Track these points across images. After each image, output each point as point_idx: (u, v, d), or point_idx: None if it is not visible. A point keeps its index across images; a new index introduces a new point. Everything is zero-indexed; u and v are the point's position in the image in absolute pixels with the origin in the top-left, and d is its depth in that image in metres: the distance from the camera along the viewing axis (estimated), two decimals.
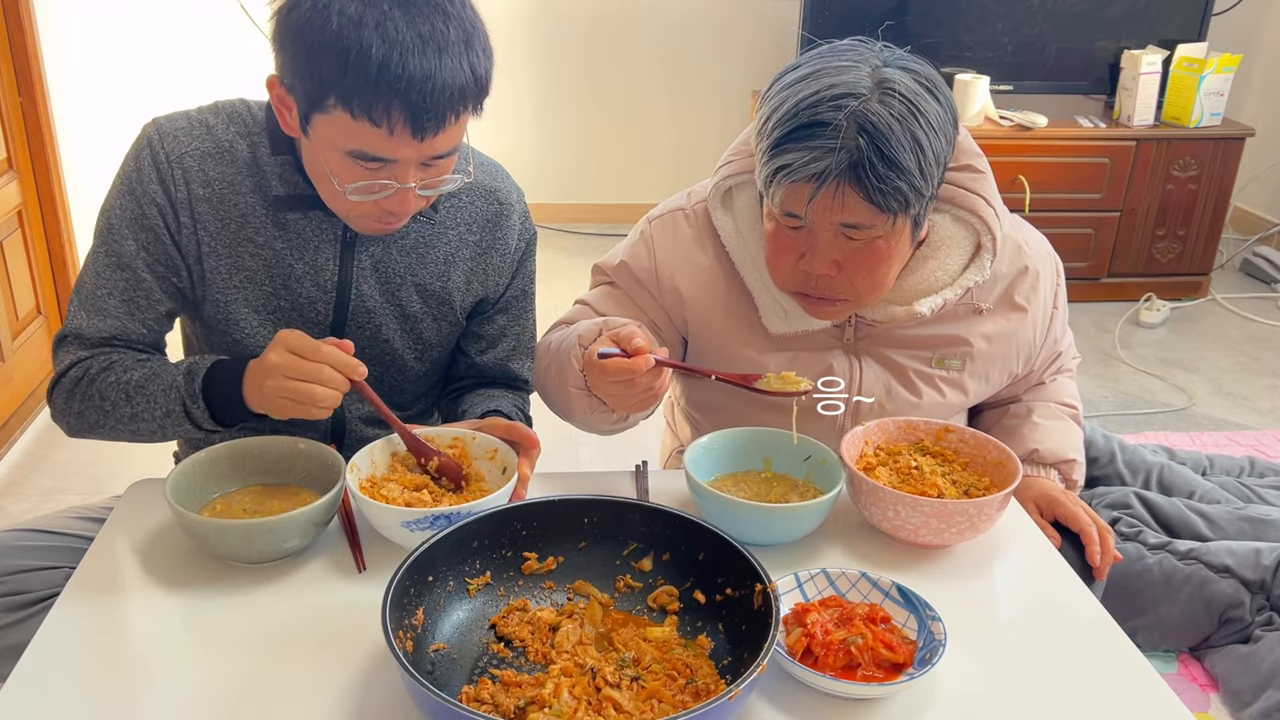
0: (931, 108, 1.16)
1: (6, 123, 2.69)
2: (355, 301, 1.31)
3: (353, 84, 1.05)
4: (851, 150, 1.12)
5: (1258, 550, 1.83)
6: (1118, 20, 3.72)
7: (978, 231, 1.32)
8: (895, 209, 1.16)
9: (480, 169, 1.36)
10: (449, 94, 1.07)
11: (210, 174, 1.24)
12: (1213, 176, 3.65)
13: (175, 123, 1.25)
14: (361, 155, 1.11)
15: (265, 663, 0.98)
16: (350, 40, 1.04)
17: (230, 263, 1.27)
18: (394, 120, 1.06)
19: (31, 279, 2.83)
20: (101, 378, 1.23)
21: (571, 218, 4.37)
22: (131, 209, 1.24)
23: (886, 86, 1.14)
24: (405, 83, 1.04)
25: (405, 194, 1.15)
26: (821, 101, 1.14)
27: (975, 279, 1.32)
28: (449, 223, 1.34)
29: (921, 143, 1.14)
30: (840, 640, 0.97)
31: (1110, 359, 3.35)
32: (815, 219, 1.19)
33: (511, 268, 1.41)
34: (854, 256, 1.21)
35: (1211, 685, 1.87)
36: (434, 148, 1.11)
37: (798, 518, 1.15)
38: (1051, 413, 1.50)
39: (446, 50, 1.06)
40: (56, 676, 0.96)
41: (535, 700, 0.90)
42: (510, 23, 4.09)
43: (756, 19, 4.14)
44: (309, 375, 1.10)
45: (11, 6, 2.66)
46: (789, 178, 1.16)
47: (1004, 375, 1.44)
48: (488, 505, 1.07)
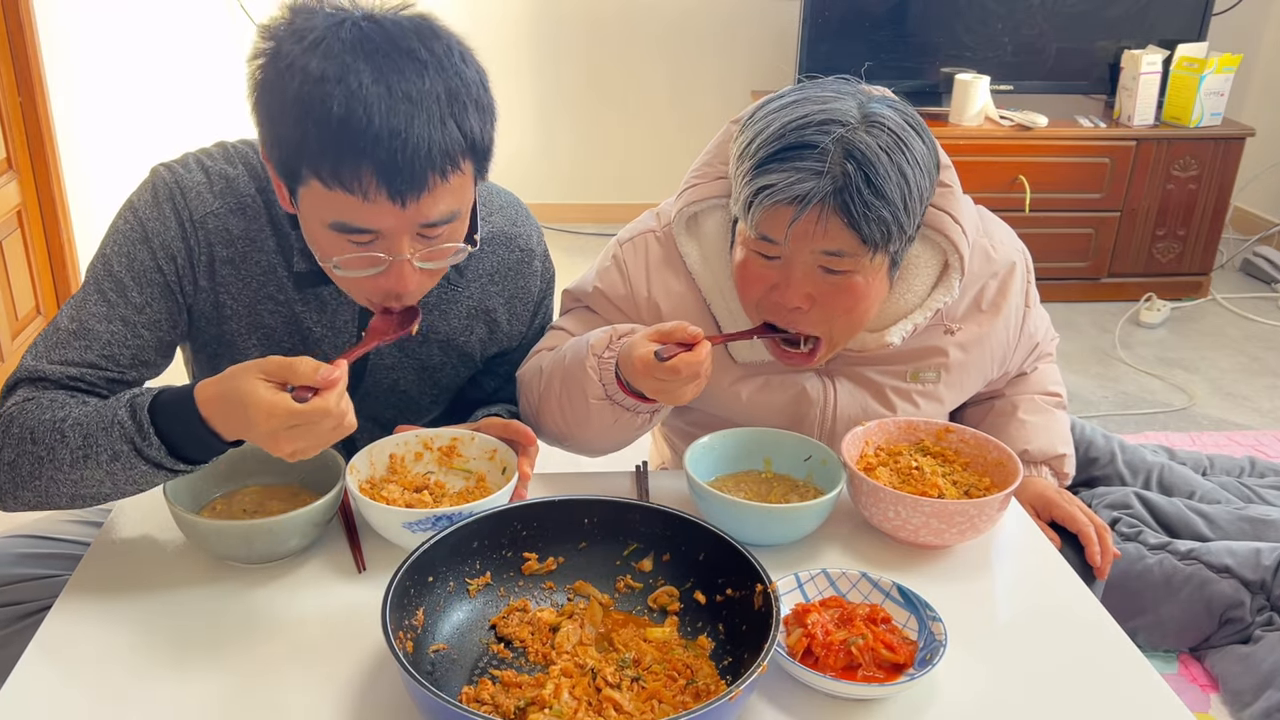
0: (917, 144, 1.14)
1: (6, 123, 2.69)
2: (374, 360, 1.29)
3: (317, 148, 0.96)
4: (838, 175, 1.10)
5: (1258, 550, 1.83)
6: (1118, 20, 3.72)
7: (944, 250, 1.29)
8: (877, 240, 1.13)
9: (499, 213, 1.31)
10: (425, 152, 0.97)
11: (234, 232, 1.17)
12: (1213, 176, 3.65)
13: (193, 175, 1.17)
14: (343, 227, 1.02)
15: (265, 663, 0.98)
16: (311, 100, 0.95)
17: (249, 321, 1.22)
18: (366, 184, 0.97)
19: (31, 279, 2.83)
20: (33, 415, 1.04)
21: (572, 218, 4.37)
22: (144, 261, 1.14)
23: (874, 119, 1.13)
24: (371, 141, 0.95)
25: (401, 268, 1.04)
26: (809, 125, 1.12)
27: (944, 300, 1.29)
28: (471, 276, 1.29)
29: (907, 176, 1.12)
30: (841, 641, 0.97)
31: (1110, 359, 3.35)
32: (794, 246, 1.15)
33: (532, 310, 1.38)
34: (829, 292, 1.18)
35: (1211, 685, 1.87)
36: (421, 214, 1.01)
37: (798, 518, 1.15)
38: (1036, 407, 1.49)
39: (421, 104, 0.96)
40: (56, 676, 0.96)
41: (535, 701, 0.90)
42: (511, 23, 4.09)
43: (757, 19, 4.14)
44: (335, 426, 0.95)
45: (11, 6, 2.66)
46: (771, 199, 1.12)
47: (979, 381, 1.43)
48: (488, 505, 1.07)
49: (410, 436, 1.22)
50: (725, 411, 1.38)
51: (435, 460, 1.23)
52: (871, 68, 3.16)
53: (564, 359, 1.26)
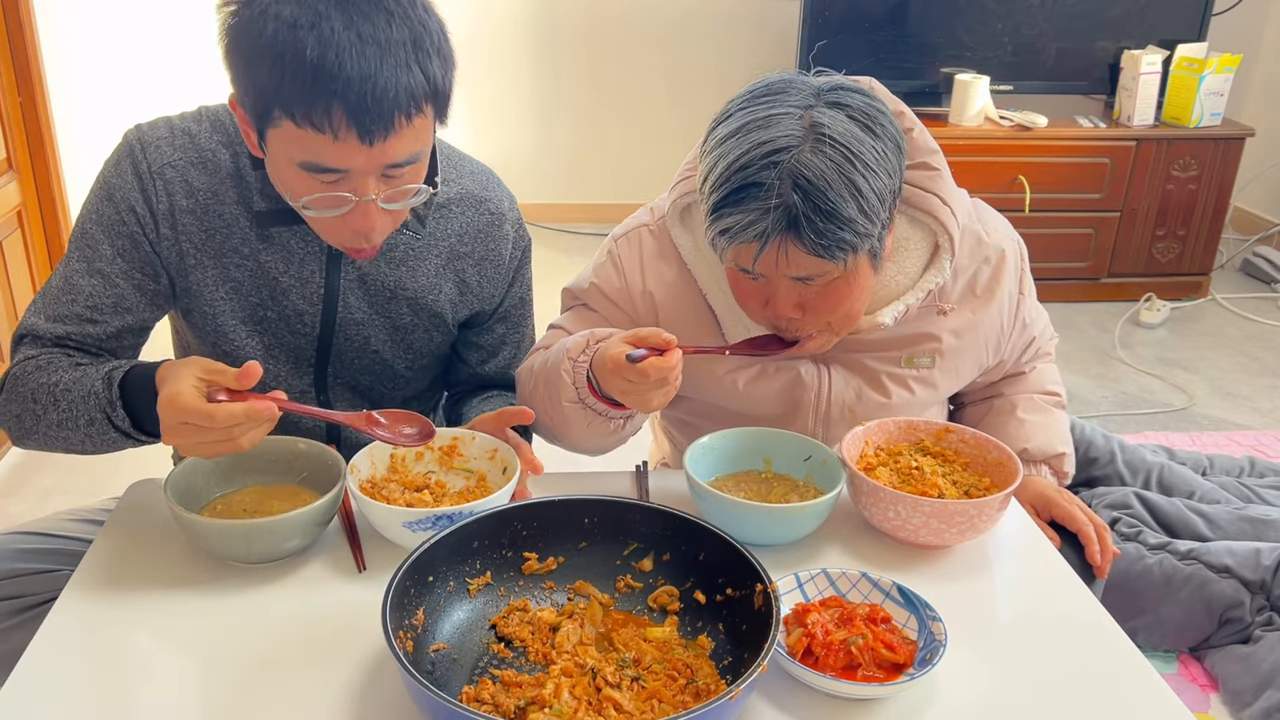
0: (868, 147, 1.12)
1: (6, 123, 2.69)
2: (343, 314, 1.30)
3: (290, 89, 1.00)
4: (789, 206, 1.09)
5: (1258, 550, 1.83)
6: (1118, 20, 3.72)
7: (935, 232, 1.30)
8: (842, 256, 1.13)
9: (470, 177, 1.34)
10: (392, 94, 1.02)
11: (194, 184, 1.22)
12: (1213, 176, 3.65)
13: (157, 131, 1.23)
14: (312, 167, 1.06)
15: (265, 663, 0.98)
16: (285, 44, 1.00)
17: (216, 274, 1.26)
18: (337, 124, 1.01)
19: (31, 279, 2.83)
20: (34, 377, 1.18)
21: (571, 217, 4.37)
22: (110, 215, 1.22)
23: (819, 133, 1.10)
24: (343, 83, 1.00)
25: (368, 209, 1.09)
26: (753, 162, 1.10)
27: (936, 281, 1.30)
28: (439, 235, 1.31)
29: (860, 187, 1.11)
30: (841, 640, 0.97)
31: (1110, 359, 3.35)
32: (767, 273, 1.17)
33: (507, 278, 1.39)
34: (815, 299, 1.20)
35: (1211, 685, 1.87)
36: (387, 154, 1.06)
37: (798, 518, 1.15)
38: (1035, 406, 1.49)
39: (389, 50, 1.02)
40: (56, 677, 0.96)
41: (535, 700, 0.90)
42: (510, 23, 4.09)
43: (756, 19, 4.14)
44: (221, 440, 1.01)
45: (11, 6, 2.66)
46: (732, 241, 1.14)
47: (974, 368, 1.43)
48: (488, 505, 1.07)
49: None
50: (722, 399, 1.39)
51: (436, 460, 1.23)
52: (871, 68, 3.17)
53: (547, 360, 1.27)
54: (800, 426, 1.38)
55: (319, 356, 1.33)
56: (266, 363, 1.32)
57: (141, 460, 1.44)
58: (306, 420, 1.37)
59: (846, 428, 1.32)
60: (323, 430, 1.39)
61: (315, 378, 1.35)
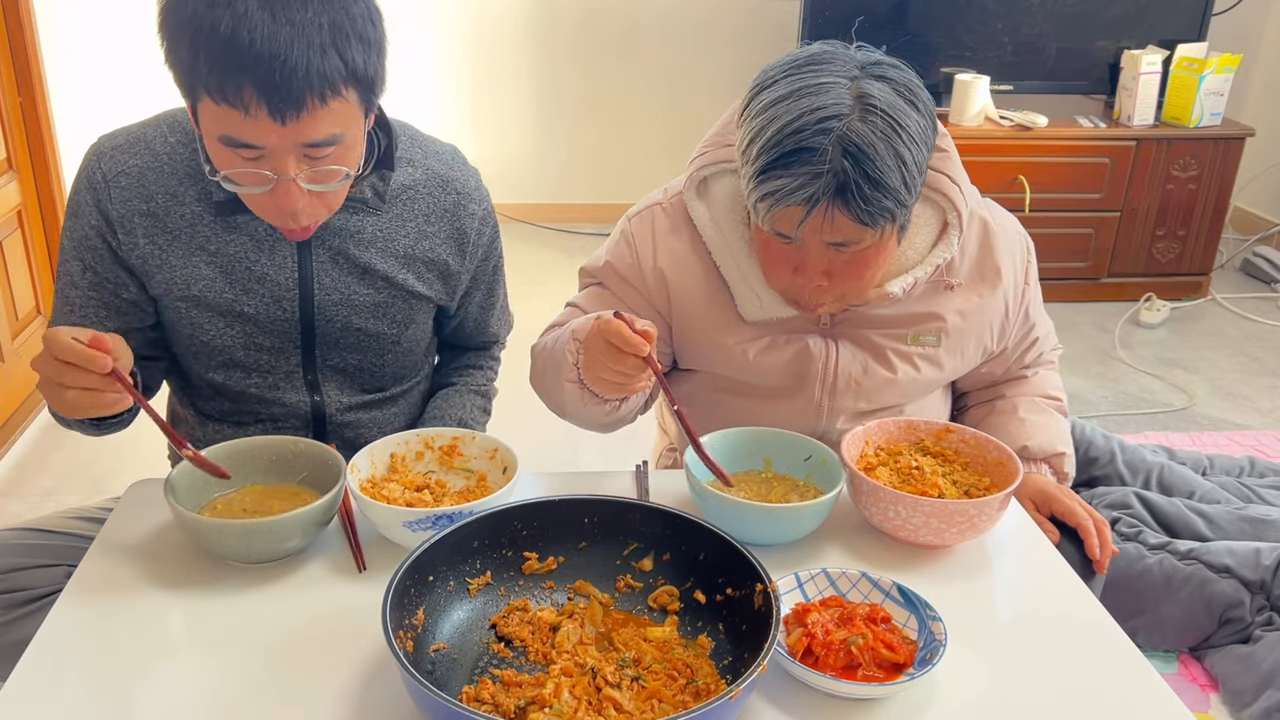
0: (912, 120, 1.16)
1: (6, 123, 2.69)
2: (320, 295, 1.32)
3: (204, 65, 1.04)
4: (838, 173, 1.13)
5: (1258, 550, 1.83)
6: (1118, 20, 3.71)
7: (944, 209, 1.34)
8: (882, 224, 1.18)
9: (435, 158, 1.36)
10: (303, 74, 1.04)
11: (151, 188, 1.25)
12: (1213, 176, 3.65)
13: (115, 140, 1.27)
14: (230, 141, 1.09)
15: (265, 663, 0.98)
16: (201, 20, 1.03)
17: (186, 273, 1.28)
18: (248, 100, 1.04)
19: (31, 279, 2.83)
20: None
21: (569, 217, 4.37)
22: (75, 231, 1.27)
23: (868, 103, 1.14)
24: (252, 60, 1.02)
25: (289, 187, 1.11)
26: (806, 126, 1.14)
27: (944, 256, 1.35)
28: (407, 216, 1.34)
29: (904, 158, 1.15)
30: (841, 640, 0.97)
31: (1110, 359, 3.35)
32: (806, 237, 1.21)
33: (479, 255, 1.43)
34: (843, 267, 1.24)
35: (1211, 685, 1.87)
36: (301, 134, 1.08)
37: (798, 518, 1.15)
38: (1037, 407, 1.51)
39: (304, 30, 1.04)
40: (56, 676, 0.96)
41: (536, 700, 0.90)
42: (510, 23, 4.09)
43: (756, 19, 4.14)
44: (50, 374, 1.04)
45: (11, 6, 2.66)
46: (779, 204, 1.17)
47: (978, 351, 1.46)
48: (488, 505, 1.07)
49: (411, 436, 1.22)
50: (732, 370, 1.42)
51: (436, 459, 1.23)
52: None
53: (558, 339, 1.30)
54: (806, 397, 1.41)
55: (304, 340, 1.34)
56: (250, 352, 1.33)
57: (141, 460, 1.44)
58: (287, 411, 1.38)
59: (852, 399, 1.38)
60: (303, 417, 1.40)
61: (304, 361, 1.36)
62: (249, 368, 1.35)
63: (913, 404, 1.47)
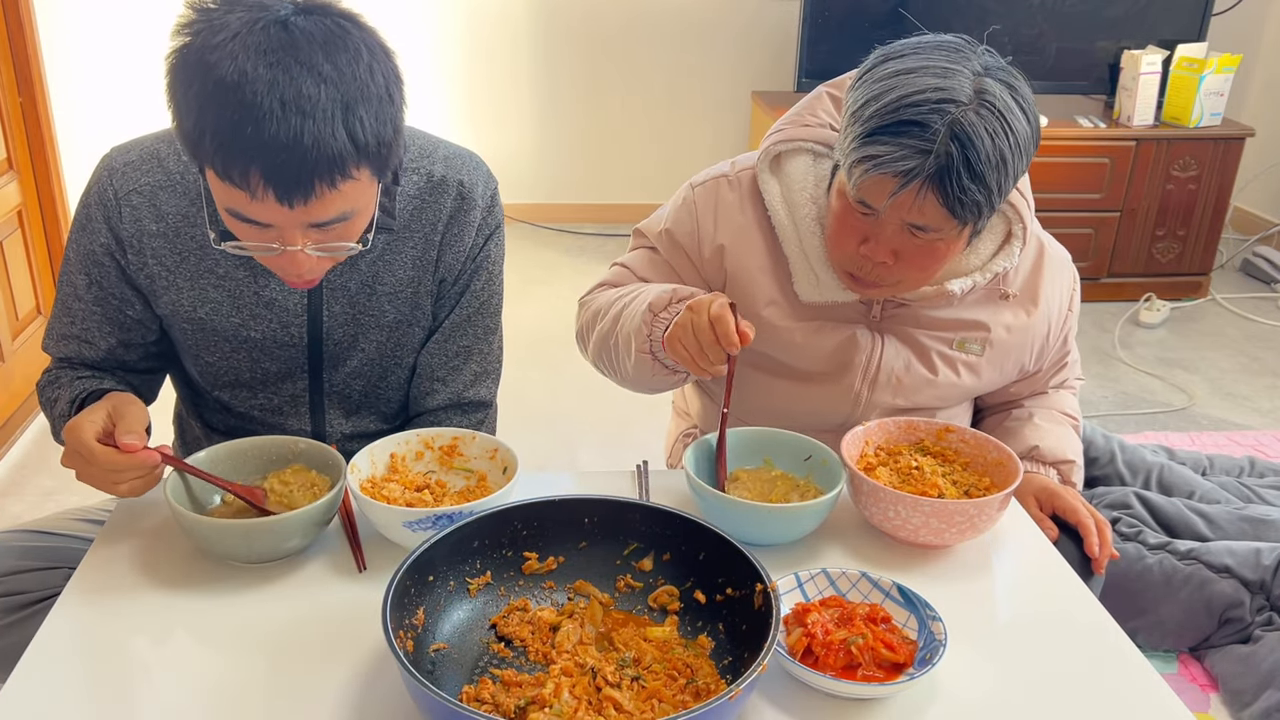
0: (1021, 127, 1.18)
1: (6, 123, 2.69)
2: (329, 321, 1.29)
3: (210, 145, 0.99)
4: (942, 156, 1.14)
5: (1258, 550, 1.83)
6: (1118, 20, 3.71)
7: (1010, 220, 1.36)
8: (968, 219, 1.19)
9: (442, 163, 1.31)
10: (313, 161, 0.99)
11: (163, 208, 1.22)
12: (1213, 176, 3.65)
13: (127, 155, 1.24)
14: (236, 215, 1.05)
15: (265, 663, 0.98)
16: (208, 101, 0.98)
17: (194, 295, 1.26)
18: (254, 184, 1.00)
19: (31, 279, 2.83)
20: (43, 391, 1.30)
21: (571, 218, 4.37)
22: (83, 244, 1.25)
23: (986, 98, 1.16)
24: (259, 148, 0.97)
25: (295, 256, 1.08)
26: (925, 102, 1.15)
27: (1004, 265, 1.36)
28: (414, 226, 1.29)
29: (1006, 160, 1.17)
30: (841, 640, 0.97)
31: (1110, 359, 3.35)
32: (889, 213, 1.21)
33: (472, 266, 1.34)
34: (912, 251, 1.24)
35: (1211, 685, 1.87)
36: (310, 216, 1.04)
37: (798, 518, 1.15)
38: (1053, 417, 1.52)
39: (313, 115, 0.98)
40: (56, 676, 0.96)
41: (536, 700, 0.90)
42: (510, 23, 4.09)
43: (756, 19, 4.14)
44: (101, 480, 1.10)
45: (11, 6, 2.66)
46: (877, 169, 1.17)
47: (1016, 368, 1.48)
48: (488, 505, 1.07)
49: (411, 436, 1.22)
50: (776, 350, 1.43)
51: (436, 459, 1.23)
52: None
53: (623, 304, 1.34)
54: (846, 386, 1.42)
55: (311, 365, 1.33)
56: (256, 375, 1.31)
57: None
58: (304, 422, 1.37)
59: (890, 394, 1.41)
60: (309, 430, 1.39)
61: (310, 385, 1.34)
62: (254, 388, 1.33)
63: (946, 411, 1.48)
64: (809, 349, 1.41)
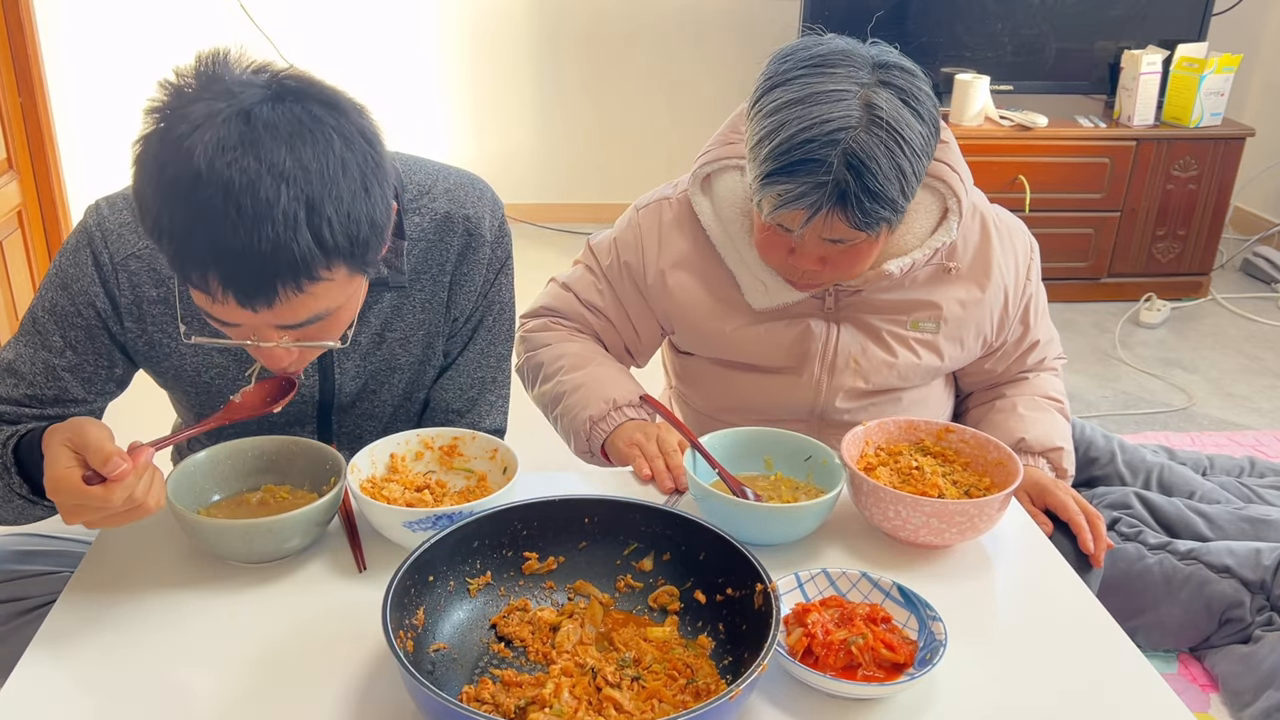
0: (915, 131, 1.21)
1: (6, 123, 2.69)
2: (340, 378, 1.27)
3: (166, 250, 0.93)
4: (840, 182, 1.18)
5: (1258, 550, 1.83)
6: (1118, 20, 3.71)
7: (944, 195, 1.39)
8: (879, 227, 1.24)
9: (444, 197, 1.25)
10: (273, 266, 0.91)
11: (162, 272, 1.16)
12: (1213, 176, 3.65)
13: (119, 215, 1.16)
14: (204, 311, 0.99)
15: (265, 663, 0.98)
16: (163, 206, 0.91)
17: (197, 361, 1.22)
18: (214, 289, 0.93)
19: (31, 279, 2.83)
20: None
21: (571, 217, 4.37)
22: (64, 306, 1.16)
23: (875, 114, 1.19)
24: (215, 255, 0.91)
25: (272, 352, 1.02)
26: (816, 138, 1.18)
27: (942, 240, 1.39)
28: (421, 269, 1.25)
29: (904, 170, 1.20)
30: (841, 640, 0.97)
31: (1110, 359, 3.35)
32: (806, 233, 1.26)
33: (482, 302, 1.32)
34: (837, 256, 1.30)
35: (1211, 685, 1.87)
36: (279, 318, 0.97)
37: (798, 518, 1.15)
38: (1036, 405, 1.53)
39: (270, 219, 0.90)
40: (56, 677, 0.96)
41: (536, 700, 0.90)
42: (510, 23, 4.09)
43: (756, 19, 4.14)
44: (125, 508, 0.96)
45: (11, 6, 2.66)
46: (782, 205, 1.22)
47: (978, 341, 1.50)
48: (488, 505, 1.07)
49: (411, 436, 1.22)
50: (734, 354, 1.48)
51: (436, 460, 1.23)
52: None
53: (564, 391, 1.44)
54: (806, 375, 1.46)
55: (320, 413, 1.31)
56: (260, 427, 1.25)
57: None
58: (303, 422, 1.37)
59: (851, 378, 1.44)
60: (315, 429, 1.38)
61: (319, 431, 1.33)
62: (260, 433, 1.27)
63: (915, 391, 1.50)
64: (768, 346, 1.45)
